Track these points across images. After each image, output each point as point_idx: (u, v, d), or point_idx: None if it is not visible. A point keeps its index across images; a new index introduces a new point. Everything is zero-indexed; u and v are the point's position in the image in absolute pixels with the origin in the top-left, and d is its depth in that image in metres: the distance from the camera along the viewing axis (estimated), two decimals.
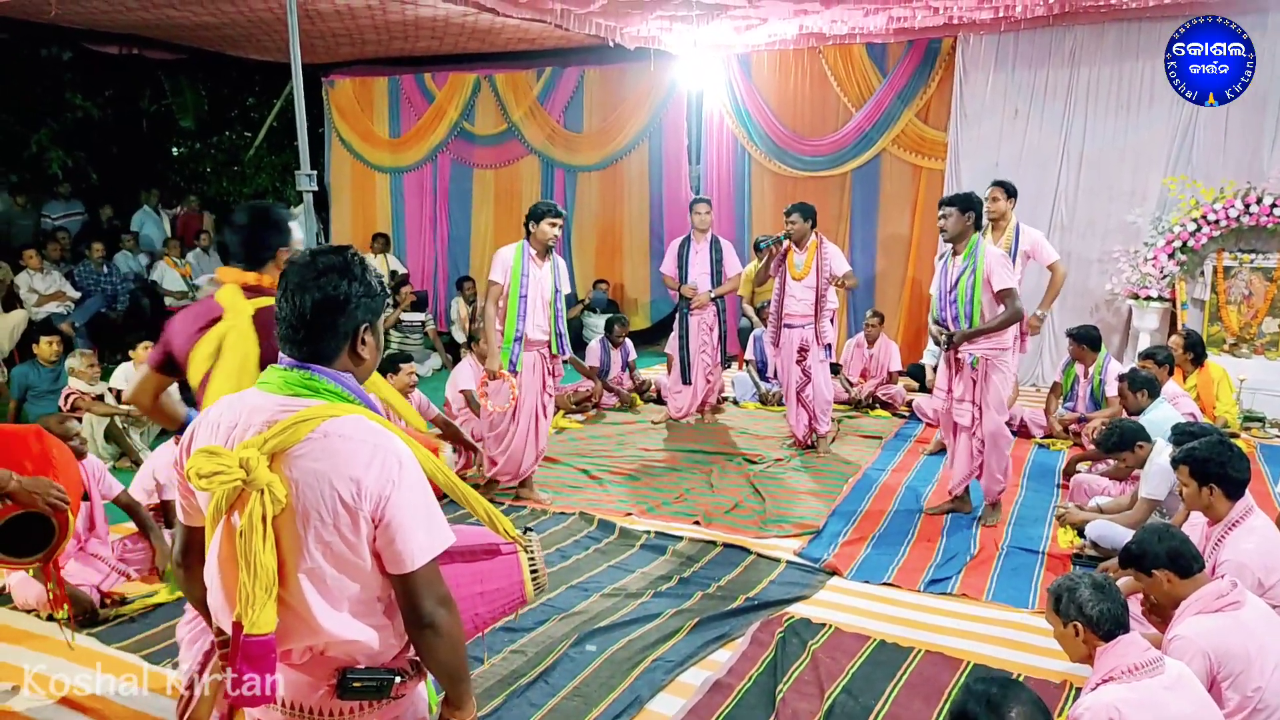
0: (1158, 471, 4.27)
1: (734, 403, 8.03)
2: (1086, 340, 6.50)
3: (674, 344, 7.26)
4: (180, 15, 8.03)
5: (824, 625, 3.87)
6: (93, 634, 3.83)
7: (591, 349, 8.02)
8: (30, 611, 3.96)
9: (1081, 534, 4.65)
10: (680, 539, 4.86)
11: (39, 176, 10.20)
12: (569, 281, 5.73)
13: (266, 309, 2.21)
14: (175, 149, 12.37)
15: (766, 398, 7.94)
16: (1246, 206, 7.22)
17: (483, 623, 2.14)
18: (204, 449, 1.60)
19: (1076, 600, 2.59)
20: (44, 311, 8.47)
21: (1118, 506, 4.69)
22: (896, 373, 7.96)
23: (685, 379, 7.21)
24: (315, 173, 4.98)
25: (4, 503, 2.93)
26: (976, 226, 4.87)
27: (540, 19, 7.69)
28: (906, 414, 7.53)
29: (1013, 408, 6.30)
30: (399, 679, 1.74)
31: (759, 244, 6.29)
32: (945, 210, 4.89)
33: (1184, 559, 2.88)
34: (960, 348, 4.94)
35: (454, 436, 3.28)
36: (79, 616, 3.88)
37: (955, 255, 4.91)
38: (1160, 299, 7.60)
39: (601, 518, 5.17)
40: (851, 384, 7.92)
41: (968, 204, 4.84)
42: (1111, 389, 6.17)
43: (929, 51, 8.61)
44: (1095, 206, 8.14)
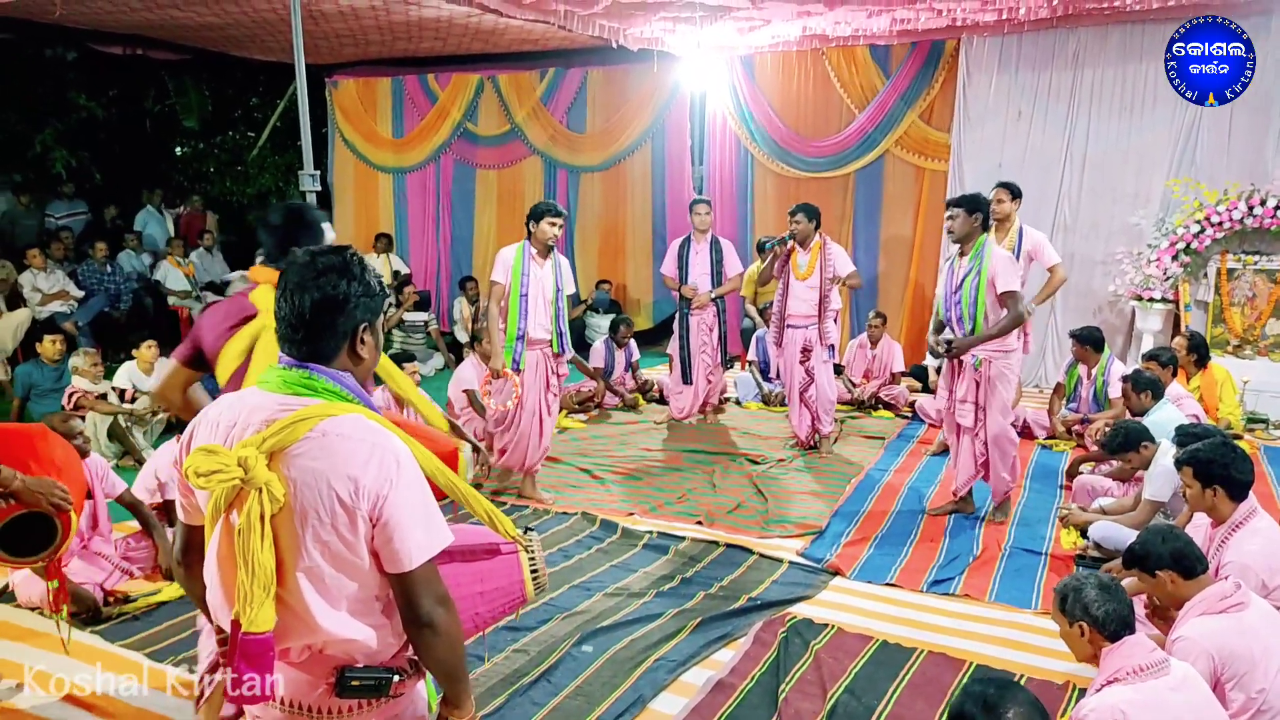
0: (1162, 473, 4.26)
1: (737, 403, 8.03)
2: (1090, 341, 6.49)
3: (674, 344, 7.26)
4: (184, 16, 8.05)
5: (827, 625, 3.87)
6: (96, 632, 3.84)
7: (596, 349, 8.02)
8: (34, 609, 3.96)
9: (1085, 535, 4.65)
10: (683, 539, 4.86)
11: (43, 176, 10.23)
12: (573, 281, 5.73)
13: None
14: (179, 149, 12.40)
15: (769, 398, 7.94)
16: (1250, 208, 7.21)
17: (483, 622, 2.13)
18: (202, 447, 1.60)
19: (1082, 600, 2.59)
20: (48, 310, 8.49)
21: (1121, 508, 4.68)
22: (899, 373, 7.96)
23: (686, 379, 7.22)
24: (318, 173, 5.00)
25: (8, 502, 2.93)
26: (984, 228, 4.84)
27: (544, 20, 7.69)
28: (909, 415, 7.52)
29: (1016, 408, 6.28)
30: (398, 678, 1.74)
31: (762, 245, 6.29)
32: (952, 211, 4.86)
33: (1188, 560, 2.88)
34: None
35: (459, 436, 3.28)
36: (83, 615, 3.89)
37: (962, 256, 4.88)
38: (1164, 300, 7.59)
39: (604, 518, 5.18)
40: (854, 384, 7.92)
41: (975, 205, 4.81)
42: (1115, 390, 6.16)
43: (932, 53, 8.60)
44: (1098, 208, 8.13)
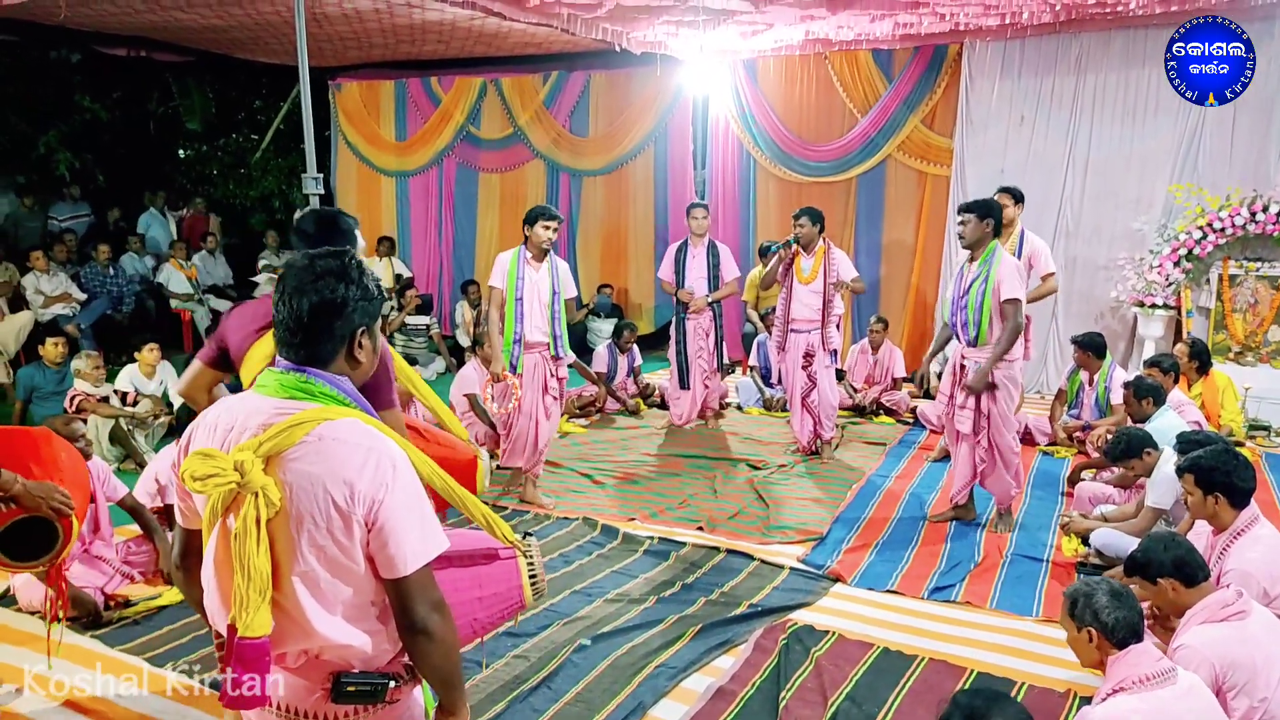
0: (1163, 480, 4.24)
1: (738, 408, 8.01)
2: (1091, 348, 6.48)
3: (671, 349, 7.26)
4: (188, 18, 8.06)
5: (827, 632, 3.86)
6: (96, 636, 3.84)
7: (599, 354, 8.02)
8: (35, 613, 3.96)
9: (1086, 542, 4.63)
10: (683, 545, 4.86)
11: (46, 178, 10.25)
12: (573, 285, 5.74)
13: None
14: (182, 151, 12.43)
15: (770, 403, 7.93)
16: (1253, 214, 7.20)
17: (481, 628, 2.13)
18: (199, 451, 1.60)
19: (1093, 606, 2.58)
20: (50, 313, 8.50)
21: (1122, 515, 4.67)
22: (901, 379, 7.95)
23: (683, 384, 7.23)
24: (321, 176, 5.00)
25: (8, 506, 2.92)
26: (996, 234, 4.80)
27: (547, 23, 7.70)
28: (910, 420, 7.51)
29: (1018, 415, 6.27)
30: (393, 684, 1.74)
31: (765, 249, 6.29)
32: (964, 217, 4.82)
33: (1189, 568, 2.87)
34: (967, 356, 4.92)
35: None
36: (83, 619, 3.89)
37: (971, 262, 4.84)
38: (1165, 307, 7.57)
39: (605, 523, 5.17)
40: (856, 390, 7.91)
41: (987, 211, 4.76)
42: (1116, 396, 6.15)
43: (935, 58, 8.60)
44: (1101, 213, 8.12)
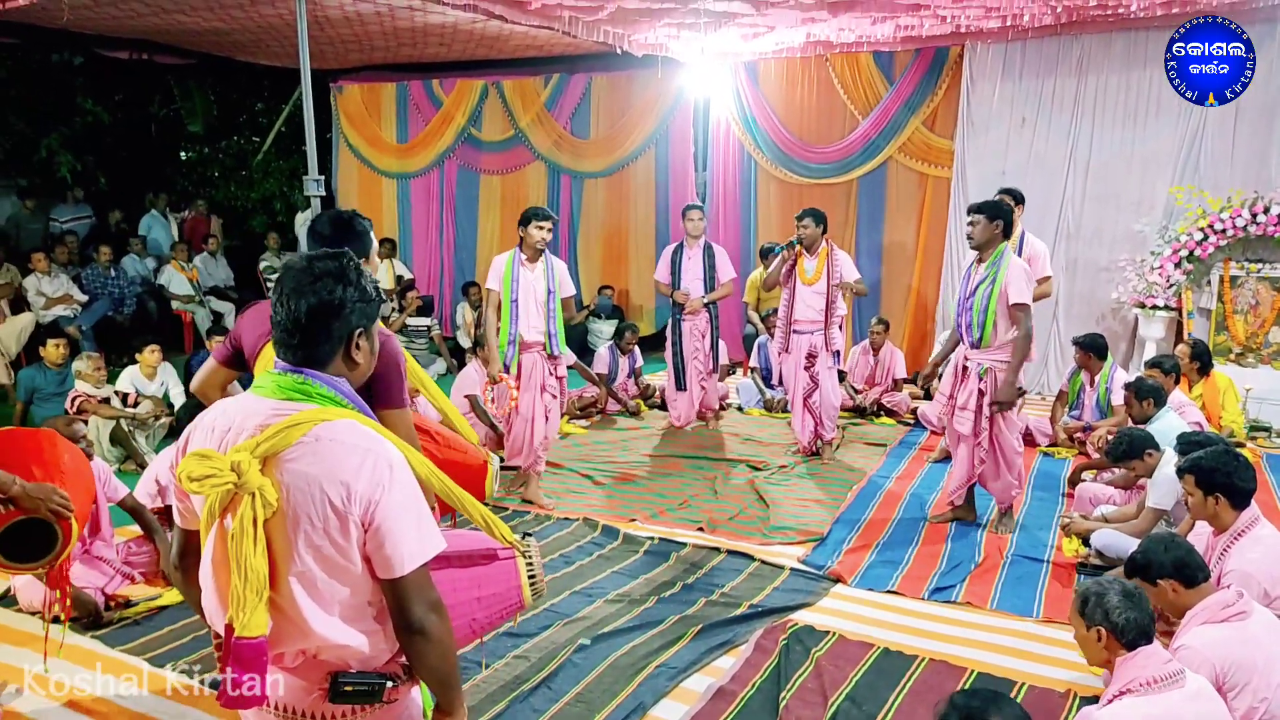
0: (1164, 481, 4.24)
1: (739, 409, 8.02)
2: (1093, 349, 6.48)
3: (668, 351, 7.27)
4: (190, 21, 8.08)
5: (828, 633, 3.86)
6: (97, 637, 3.84)
7: (600, 355, 8.02)
8: (35, 614, 3.96)
9: (1086, 543, 4.63)
10: (684, 545, 4.86)
11: (48, 180, 10.27)
12: (574, 285, 5.75)
13: None
14: (184, 153, 12.45)
15: (771, 404, 7.93)
16: (1254, 216, 7.20)
17: (480, 628, 2.13)
18: (196, 452, 1.60)
19: (1104, 605, 2.57)
20: (51, 314, 8.51)
21: (1123, 515, 4.67)
22: (901, 380, 7.94)
23: (680, 385, 7.23)
24: (323, 178, 5.02)
25: (6, 508, 2.91)
26: (1005, 235, 4.76)
27: (548, 26, 7.71)
28: (911, 421, 7.51)
29: (1019, 415, 6.27)
30: (391, 684, 1.73)
31: (767, 250, 6.30)
32: (973, 218, 4.78)
33: (1189, 569, 2.87)
34: (969, 357, 4.92)
35: None
36: (84, 619, 3.89)
37: (979, 263, 4.81)
38: (1166, 308, 7.57)
39: (605, 523, 5.17)
40: (857, 391, 7.91)
41: (996, 212, 4.72)
42: (1117, 397, 6.14)
43: (936, 60, 8.60)
44: (1102, 215, 8.11)
